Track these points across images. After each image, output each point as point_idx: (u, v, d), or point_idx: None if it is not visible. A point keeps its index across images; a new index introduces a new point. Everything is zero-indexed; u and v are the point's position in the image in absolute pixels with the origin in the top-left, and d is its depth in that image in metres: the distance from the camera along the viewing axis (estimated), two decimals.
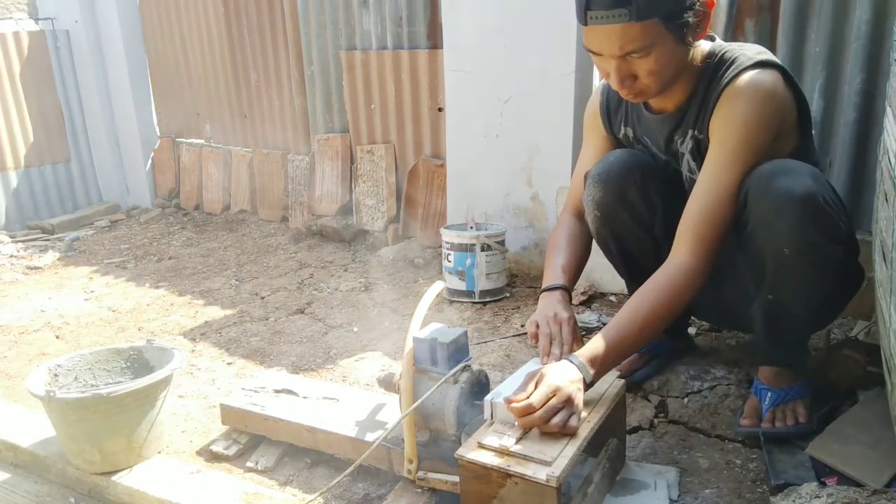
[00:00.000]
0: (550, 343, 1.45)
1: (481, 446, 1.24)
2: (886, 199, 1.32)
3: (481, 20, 2.80)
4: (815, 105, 2.20)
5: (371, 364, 2.22)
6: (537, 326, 1.50)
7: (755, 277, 1.50)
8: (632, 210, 1.65)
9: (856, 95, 2.11)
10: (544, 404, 1.25)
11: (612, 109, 1.70)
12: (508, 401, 1.27)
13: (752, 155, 1.40)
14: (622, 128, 1.70)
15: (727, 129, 1.41)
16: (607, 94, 1.70)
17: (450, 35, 2.96)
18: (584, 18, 1.35)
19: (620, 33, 1.33)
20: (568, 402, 1.26)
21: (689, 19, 1.35)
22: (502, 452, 1.22)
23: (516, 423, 1.27)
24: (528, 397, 1.26)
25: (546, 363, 1.40)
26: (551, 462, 1.17)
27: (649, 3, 1.30)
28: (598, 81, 2.48)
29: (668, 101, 1.53)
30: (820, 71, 2.18)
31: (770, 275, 1.44)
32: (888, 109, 1.42)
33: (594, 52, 1.41)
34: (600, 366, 1.35)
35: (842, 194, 2.16)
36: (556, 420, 1.24)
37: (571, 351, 1.41)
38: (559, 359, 1.40)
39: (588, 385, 1.33)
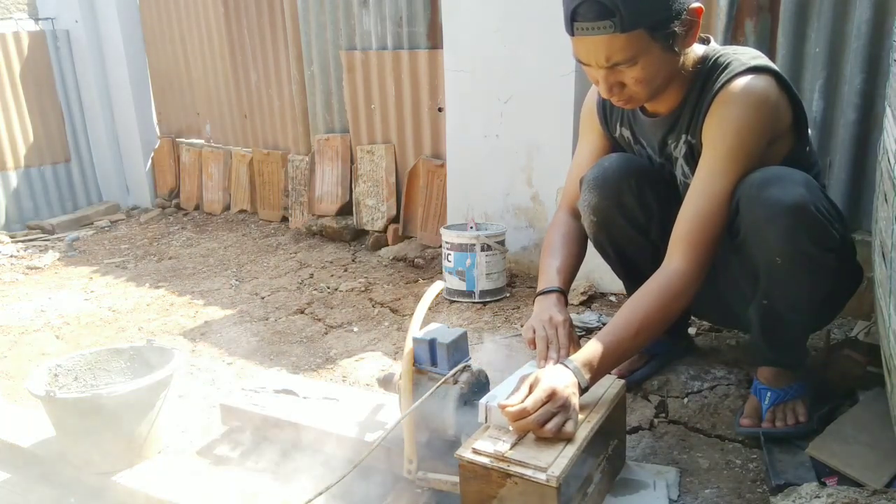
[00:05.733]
0: (547, 347, 1.45)
1: (476, 451, 1.23)
2: (886, 200, 1.32)
3: (481, 20, 2.80)
4: (815, 105, 2.20)
5: (371, 364, 2.22)
6: (534, 331, 1.49)
7: (750, 281, 1.50)
8: (628, 214, 1.65)
9: (856, 96, 2.10)
10: (539, 409, 1.24)
11: (609, 108, 1.70)
12: (502, 406, 1.26)
13: (745, 160, 1.40)
14: (618, 128, 1.70)
15: (719, 134, 1.41)
16: None
17: (450, 35, 2.96)
18: (570, 29, 1.36)
19: (606, 44, 1.33)
20: (563, 406, 1.25)
21: (676, 29, 1.35)
22: (497, 458, 1.21)
23: (511, 428, 1.27)
24: (522, 401, 1.25)
25: (543, 367, 1.40)
26: (546, 468, 1.16)
27: (634, 15, 1.30)
28: None
29: (661, 105, 1.53)
30: (820, 71, 2.18)
31: (763, 281, 1.44)
32: (888, 110, 1.42)
33: (582, 62, 1.41)
34: (596, 370, 1.35)
35: (841, 194, 2.18)
36: (551, 425, 1.23)
37: (568, 354, 1.41)
38: (556, 363, 1.39)
39: (583, 390, 1.33)
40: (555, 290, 1.58)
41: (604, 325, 2.10)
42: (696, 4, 1.36)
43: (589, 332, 2.28)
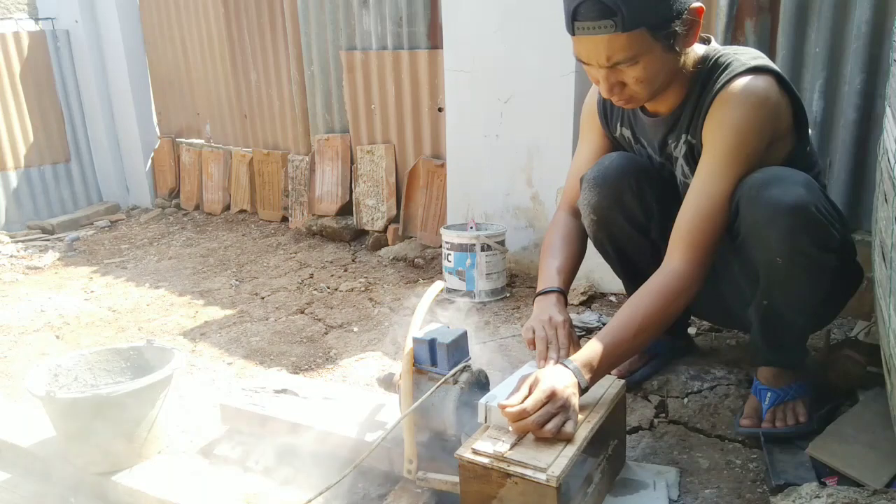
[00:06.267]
0: (547, 347, 1.45)
1: (475, 452, 1.23)
2: (886, 200, 1.32)
3: (481, 20, 2.80)
4: (815, 105, 2.20)
5: (371, 364, 2.22)
6: (534, 332, 1.49)
7: (750, 282, 1.50)
8: (627, 214, 1.65)
9: (856, 96, 2.11)
10: (538, 409, 1.24)
11: (609, 108, 1.70)
12: (502, 406, 1.26)
13: (745, 161, 1.40)
14: (619, 128, 1.70)
15: (719, 135, 1.41)
16: None
17: (450, 35, 2.96)
18: (571, 29, 1.36)
19: (607, 44, 1.33)
20: (563, 407, 1.25)
21: (677, 28, 1.35)
22: (496, 458, 1.21)
23: (510, 429, 1.27)
24: (522, 402, 1.25)
25: (543, 367, 1.39)
26: (546, 468, 1.16)
27: (635, 14, 1.29)
28: None
29: (661, 104, 1.53)
30: (820, 71, 2.18)
31: (763, 282, 1.44)
32: (888, 110, 1.42)
33: (583, 62, 1.41)
34: (596, 371, 1.35)
35: (841, 194, 2.18)
36: (551, 426, 1.23)
37: (568, 355, 1.41)
38: (556, 363, 1.39)
39: (583, 390, 1.33)
40: (555, 291, 1.58)
41: (604, 325, 2.10)
42: (696, 4, 1.36)
43: (589, 332, 2.28)
